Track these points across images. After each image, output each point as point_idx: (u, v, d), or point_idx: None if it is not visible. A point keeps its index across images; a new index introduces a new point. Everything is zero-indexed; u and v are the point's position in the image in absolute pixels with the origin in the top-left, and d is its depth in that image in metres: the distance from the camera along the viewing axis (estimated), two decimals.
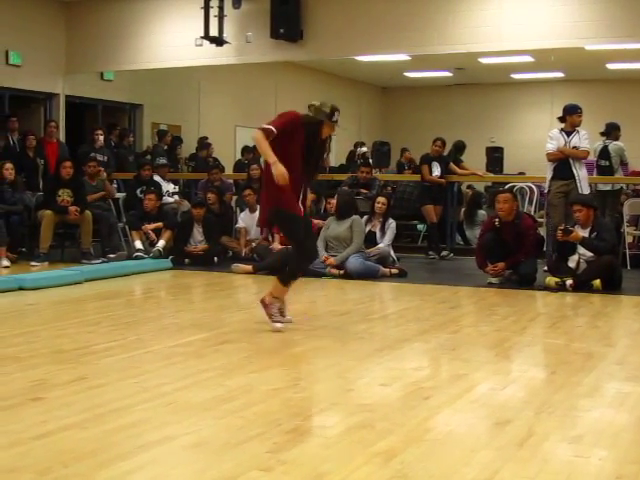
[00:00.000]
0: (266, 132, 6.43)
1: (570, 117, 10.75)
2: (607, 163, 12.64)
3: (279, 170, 6.29)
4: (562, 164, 10.63)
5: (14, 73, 14.63)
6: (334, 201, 10.93)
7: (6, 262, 10.94)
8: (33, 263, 11.10)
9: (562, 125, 10.86)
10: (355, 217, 10.62)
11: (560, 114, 10.94)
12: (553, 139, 10.80)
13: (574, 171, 10.58)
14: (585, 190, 10.50)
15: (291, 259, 6.95)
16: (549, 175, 10.81)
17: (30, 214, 12.15)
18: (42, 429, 3.91)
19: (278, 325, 6.62)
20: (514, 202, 9.86)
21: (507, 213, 9.67)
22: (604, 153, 12.64)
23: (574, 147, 10.64)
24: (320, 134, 6.84)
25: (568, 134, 10.70)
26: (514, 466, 3.50)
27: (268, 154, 6.38)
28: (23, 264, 11.12)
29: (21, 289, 8.82)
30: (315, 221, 10.97)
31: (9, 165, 11.94)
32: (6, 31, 14.38)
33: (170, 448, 3.70)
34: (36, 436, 3.80)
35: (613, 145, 12.68)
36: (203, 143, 17.22)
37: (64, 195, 11.66)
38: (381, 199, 11.04)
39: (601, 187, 12.39)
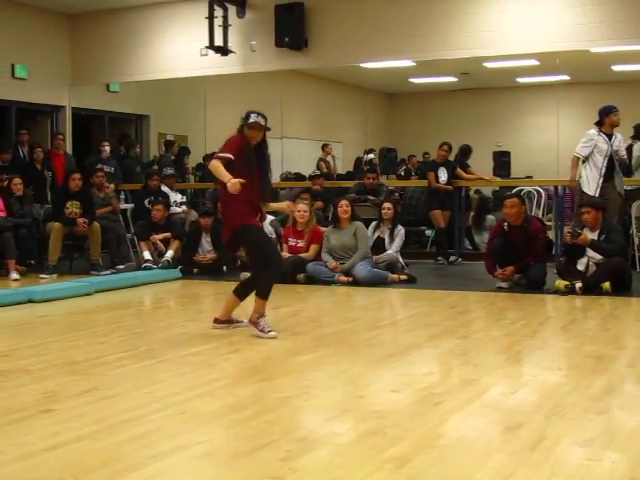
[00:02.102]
0: (223, 160, 6.68)
1: (608, 118, 10.65)
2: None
3: (232, 182, 6.51)
4: (608, 167, 10.57)
5: (20, 86, 14.67)
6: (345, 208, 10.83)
7: (15, 275, 10.96)
8: (42, 275, 11.11)
9: (600, 128, 10.75)
10: (358, 223, 10.62)
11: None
12: (589, 142, 10.68)
13: (616, 175, 10.58)
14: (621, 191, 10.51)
15: (262, 275, 7.01)
16: (595, 175, 10.68)
17: (39, 226, 12.17)
18: (54, 441, 3.91)
19: (273, 333, 6.77)
20: (522, 206, 9.84)
21: (515, 217, 9.66)
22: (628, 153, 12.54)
23: (616, 150, 10.60)
24: (249, 140, 6.93)
25: (609, 137, 10.61)
26: (526, 470, 3.50)
27: (223, 174, 6.59)
28: (32, 276, 11.14)
29: (31, 301, 8.84)
30: (322, 229, 10.99)
31: (17, 180, 11.97)
32: (12, 45, 14.43)
33: (182, 458, 3.70)
34: (48, 448, 3.81)
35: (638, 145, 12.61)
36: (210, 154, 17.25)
37: (72, 207, 11.67)
38: (387, 204, 11.03)
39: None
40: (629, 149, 12.48)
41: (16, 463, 3.62)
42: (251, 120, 6.92)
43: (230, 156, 6.68)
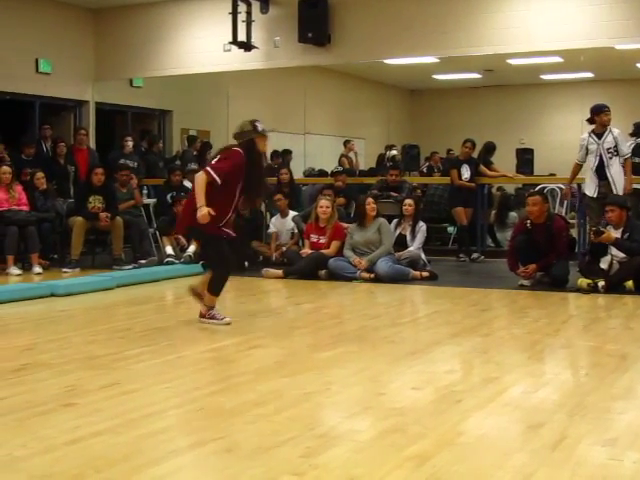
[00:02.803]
0: (210, 178, 6.83)
1: (598, 117, 10.67)
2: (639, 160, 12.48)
3: (203, 212, 6.69)
4: (599, 166, 10.56)
5: (44, 81, 14.73)
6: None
7: (38, 269, 11.02)
8: (65, 269, 11.17)
9: (592, 127, 10.77)
10: (381, 220, 10.61)
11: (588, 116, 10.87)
12: (581, 146, 10.77)
13: (608, 173, 10.51)
14: (620, 190, 10.43)
15: (215, 273, 7.20)
16: (592, 175, 10.69)
17: (61, 221, 12.22)
18: (75, 435, 3.93)
19: (227, 319, 7.04)
20: (544, 204, 9.78)
21: (537, 215, 9.61)
22: (637, 150, 12.48)
23: (608, 149, 10.55)
24: (258, 151, 7.10)
25: (599, 136, 10.61)
26: (547, 469, 3.48)
27: (200, 198, 6.75)
28: (55, 271, 11.19)
29: (53, 295, 8.88)
30: (344, 225, 10.98)
31: (40, 174, 12.04)
32: (36, 40, 14.49)
33: (202, 453, 3.71)
34: (69, 441, 3.82)
35: None
36: None
37: (95, 202, 11.71)
38: (408, 201, 11.02)
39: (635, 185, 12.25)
40: (637, 148, 12.38)
41: (38, 456, 3.64)
42: (260, 128, 7.05)
43: (217, 179, 6.81)
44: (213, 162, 7.05)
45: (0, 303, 8.35)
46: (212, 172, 6.83)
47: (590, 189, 10.74)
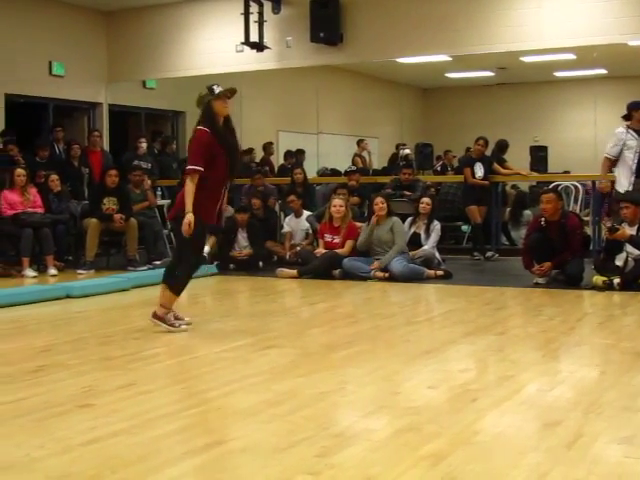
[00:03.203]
0: (195, 176, 6.67)
1: (637, 113, 10.49)
2: None
3: (188, 220, 6.54)
4: (639, 162, 10.44)
5: (57, 83, 14.79)
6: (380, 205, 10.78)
7: (53, 271, 11.07)
8: (80, 271, 11.21)
9: (627, 123, 10.63)
10: (395, 219, 10.60)
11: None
12: (618, 141, 10.56)
13: None
14: None
15: (181, 268, 6.98)
16: (627, 172, 10.58)
17: (76, 223, 12.27)
18: (91, 435, 3.94)
19: (184, 327, 6.82)
20: (558, 201, 9.75)
21: (552, 213, 9.59)
22: None
23: None
24: (217, 115, 6.91)
25: (638, 132, 10.47)
26: (563, 468, 3.48)
27: (188, 204, 6.60)
28: (70, 272, 11.23)
29: (68, 297, 8.91)
30: (358, 224, 10.99)
31: (54, 177, 12.10)
32: (49, 42, 14.56)
33: (218, 453, 3.71)
34: (85, 442, 3.84)
35: None
36: (246, 149, 17.33)
37: (109, 203, 11.74)
38: (425, 199, 11.03)
39: None
40: None
41: (55, 457, 3.66)
42: (217, 90, 6.93)
43: (198, 168, 6.64)
44: (188, 159, 6.93)
45: (16, 305, 8.39)
46: (192, 168, 6.66)
47: (623, 185, 10.63)
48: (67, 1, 14.74)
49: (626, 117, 10.66)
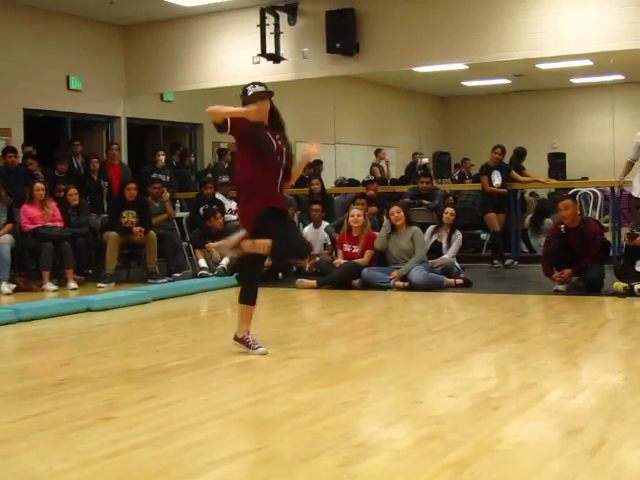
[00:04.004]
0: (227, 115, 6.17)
1: None
2: None
3: (250, 110, 6.07)
4: None
5: (75, 97, 14.88)
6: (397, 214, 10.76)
7: (74, 284, 11.10)
8: (100, 284, 11.24)
9: None
10: (415, 228, 10.60)
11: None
12: (635, 145, 10.60)
13: None
14: None
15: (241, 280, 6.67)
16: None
17: (95, 236, 12.31)
18: (114, 448, 3.95)
19: (262, 349, 6.31)
20: (575, 207, 9.73)
21: (571, 219, 9.55)
22: None
23: None
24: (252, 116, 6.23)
25: None
26: (587, 475, 3.46)
27: (233, 110, 6.14)
28: (90, 285, 11.27)
29: (89, 310, 8.94)
30: (376, 234, 10.97)
31: (73, 190, 12.15)
32: (66, 57, 14.65)
33: (240, 464, 3.72)
34: (108, 455, 3.84)
35: None
36: None
37: (129, 216, 11.79)
38: (449, 210, 11.03)
39: None
40: None
41: (78, 470, 3.66)
42: (250, 92, 6.24)
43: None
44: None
45: (38, 319, 8.42)
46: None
47: (636, 190, 10.63)
48: (84, 15, 14.82)
49: None
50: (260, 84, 6.36)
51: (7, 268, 10.87)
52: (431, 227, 11.05)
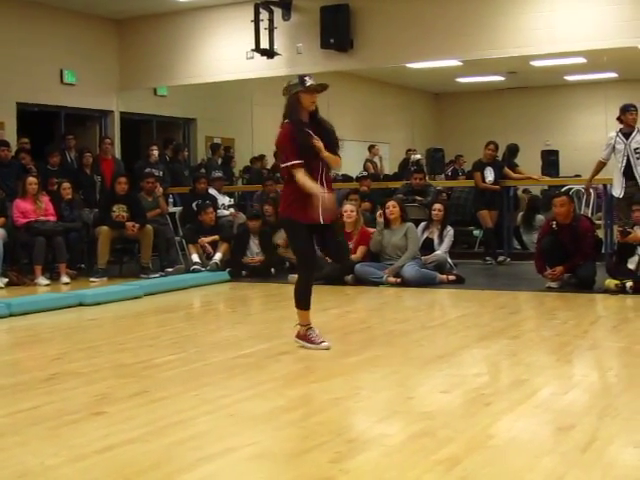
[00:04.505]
0: (300, 167, 6.11)
1: (624, 116, 10.62)
2: None
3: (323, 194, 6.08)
4: (627, 166, 10.49)
5: (69, 92, 14.84)
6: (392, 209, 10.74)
7: (66, 279, 11.09)
8: (92, 279, 11.23)
9: (621, 126, 10.69)
10: (409, 224, 10.59)
11: (614, 116, 10.85)
12: (607, 145, 10.69)
13: (635, 173, 10.45)
14: None
15: (298, 281, 6.54)
16: (618, 176, 10.62)
17: (88, 231, 12.30)
18: (105, 443, 3.94)
19: (325, 344, 6.26)
20: (571, 204, 9.76)
21: (565, 216, 9.57)
22: None
23: (635, 149, 10.47)
24: (303, 109, 6.33)
25: (627, 135, 10.54)
26: (578, 472, 3.47)
27: (311, 187, 6.07)
28: (82, 280, 11.25)
29: (81, 305, 8.93)
30: (370, 230, 10.97)
31: (66, 185, 12.14)
32: (60, 51, 14.62)
33: (232, 460, 3.71)
34: (99, 450, 3.84)
35: None
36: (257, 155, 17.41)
37: (119, 210, 11.77)
38: (437, 206, 11.01)
39: None
40: None
41: (69, 465, 3.66)
42: (308, 83, 6.31)
43: (299, 162, 6.11)
44: (282, 158, 6.40)
45: (30, 313, 8.40)
46: (291, 164, 6.11)
47: (617, 190, 10.69)
48: (78, 10, 14.79)
49: (620, 119, 10.72)
50: (309, 76, 6.41)
51: None
52: (422, 224, 11.03)
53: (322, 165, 6.26)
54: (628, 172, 10.50)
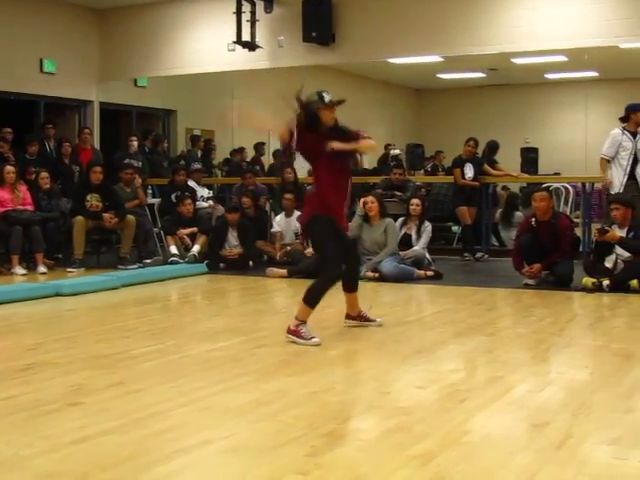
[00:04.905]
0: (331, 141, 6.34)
1: (635, 115, 10.61)
2: None
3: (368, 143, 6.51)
4: (632, 164, 10.52)
5: (49, 81, 14.76)
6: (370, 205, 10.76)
7: (43, 268, 11.03)
8: (69, 269, 11.18)
9: (624, 125, 10.70)
10: (389, 220, 10.59)
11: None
12: (614, 142, 10.66)
13: (637, 172, 10.51)
14: None
15: (319, 278, 6.54)
16: (620, 173, 10.64)
17: (66, 220, 12.24)
18: (81, 434, 3.94)
19: (315, 340, 6.23)
20: (551, 200, 9.81)
21: (544, 212, 9.59)
22: None
23: None
24: (322, 125, 6.53)
25: (633, 135, 10.55)
26: (552, 468, 3.49)
27: (346, 145, 6.41)
28: (60, 270, 11.21)
29: (58, 295, 8.88)
30: (348, 224, 10.95)
31: (44, 174, 12.08)
32: (40, 39, 14.53)
33: (208, 452, 3.71)
34: (75, 441, 3.83)
35: None
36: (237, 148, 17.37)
37: (92, 200, 11.69)
38: (415, 201, 11.00)
39: None
40: None
41: (44, 455, 3.65)
42: (327, 99, 6.57)
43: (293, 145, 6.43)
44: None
45: (5, 303, 8.36)
46: (328, 146, 6.31)
47: (615, 186, 10.72)
48: None
49: (623, 119, 10.73)
50: (328, 92, 6.71)
51: None
52: (400, 219, 11.03)
53: (347, 166, 6.60)
54: (631, 172, 10.52)
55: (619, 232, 9.23)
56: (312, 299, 6.37)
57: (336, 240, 6.43)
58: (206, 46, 14.54)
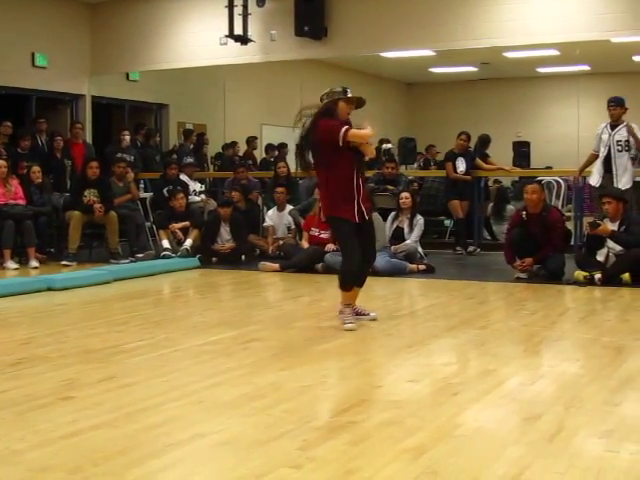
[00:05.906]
0: (348, 129, 6.76)
1: (608, 109, 10.72)
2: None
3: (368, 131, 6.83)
4: (607, 157, 10.57)
5: (40, 75, 14.72)
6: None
7: (35, 263, 11.02)
8: (64, 262, 11.18)
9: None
10: (375, 215, 10.57)
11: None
12: (596, 135, 10.79)
13: (613, 165, 10.53)
14: (621, 184, 10.40)
15: (342, 265, 7.07)
16: (599, 166, 10.70)
17: (58, 215, 12.23)
18: (72, 428, 3.93)
19: (348, 325, 6.63)
20: (542, 193, 9.83)
21: (535, 204, 9.60)
22: None
23: (618, 141, 10.53)
24: (338, 116, 6.88)
25: (613, 127, 10.61)
26: (544, 461, 3.49)
27: (365, 132, 6.87)
28: (52, 265, 11.20)
29: (50, 289, 8.88)
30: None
31: (36, 168, 12.06)
32: (32, 33, 14.48)
33: (200, 446, 3.71)
34: (67, 435, 3.83)
35: None
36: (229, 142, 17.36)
37: (90, 195, 11.70)
38: (404, 194, 10.99)
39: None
40: None
41: (36, 450, 3.65)
42: (350, 94, 6.97)
43: (347, 127, 6.74)
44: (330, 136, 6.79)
45: None
46: (342, 133, 6.69)
47: (594, 179, 10.77)
48: None
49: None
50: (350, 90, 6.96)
51: None
52: (392, 213, 11.02)
53: (357, 161, 6.85)
54: (607, 164, 10.56)
55: (611, 226, 9.25)
56: (342, 282, 6.86)
57: (354, 235, 6.78)
58: (198, 40, 14.51)
